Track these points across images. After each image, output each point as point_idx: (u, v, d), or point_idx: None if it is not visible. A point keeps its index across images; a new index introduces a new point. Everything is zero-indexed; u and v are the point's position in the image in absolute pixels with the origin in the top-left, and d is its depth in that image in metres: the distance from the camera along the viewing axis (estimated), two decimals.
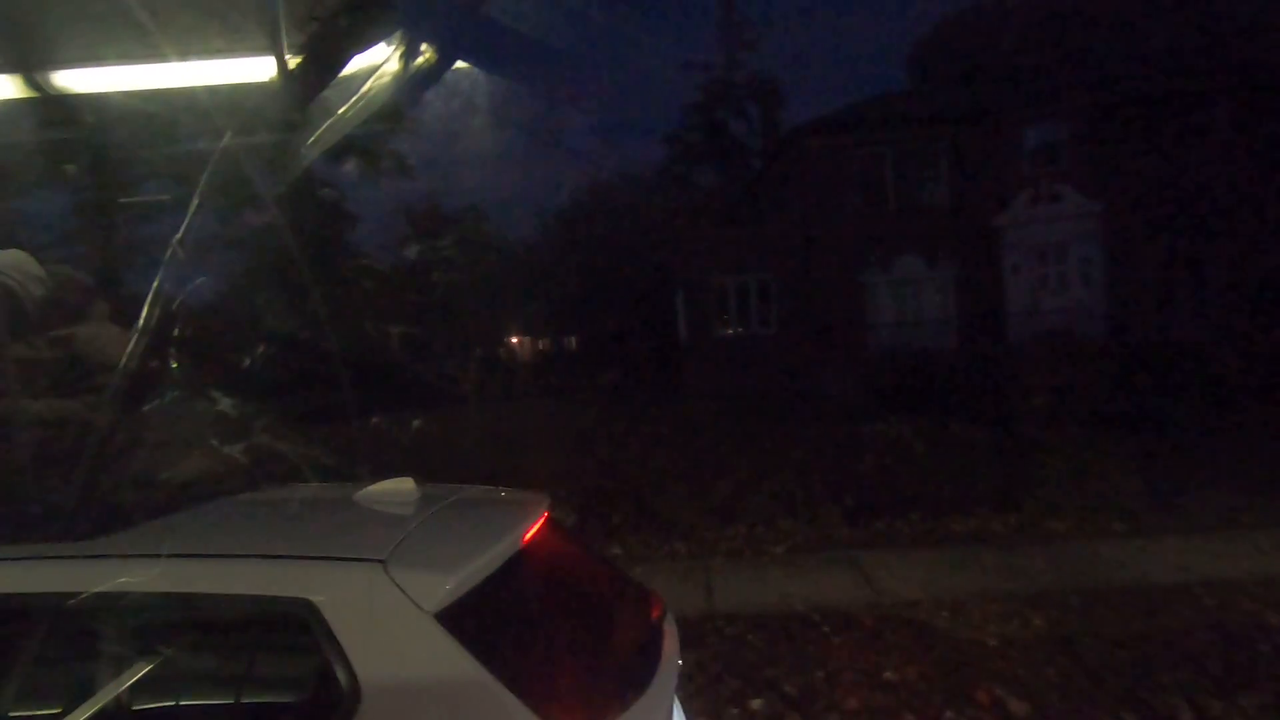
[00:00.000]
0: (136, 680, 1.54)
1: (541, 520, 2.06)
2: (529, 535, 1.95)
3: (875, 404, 10.52)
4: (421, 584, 1.61)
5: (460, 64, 3.36)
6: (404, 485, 2.12)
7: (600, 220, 26.34)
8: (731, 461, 7.15)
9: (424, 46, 3.05)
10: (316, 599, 1.58)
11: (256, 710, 1.58)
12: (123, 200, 2.60)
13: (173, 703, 1.58)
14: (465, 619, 1.60)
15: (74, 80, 2.25)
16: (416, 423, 6.56)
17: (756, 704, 3.40)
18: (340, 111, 3.13)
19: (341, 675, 1.51)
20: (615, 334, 21.81)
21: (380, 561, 1.65)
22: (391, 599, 1.59)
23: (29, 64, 2.18)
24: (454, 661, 1.54)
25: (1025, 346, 13.51)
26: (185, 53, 2.37)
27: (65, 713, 1.52)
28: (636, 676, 1.80)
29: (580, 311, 24.34)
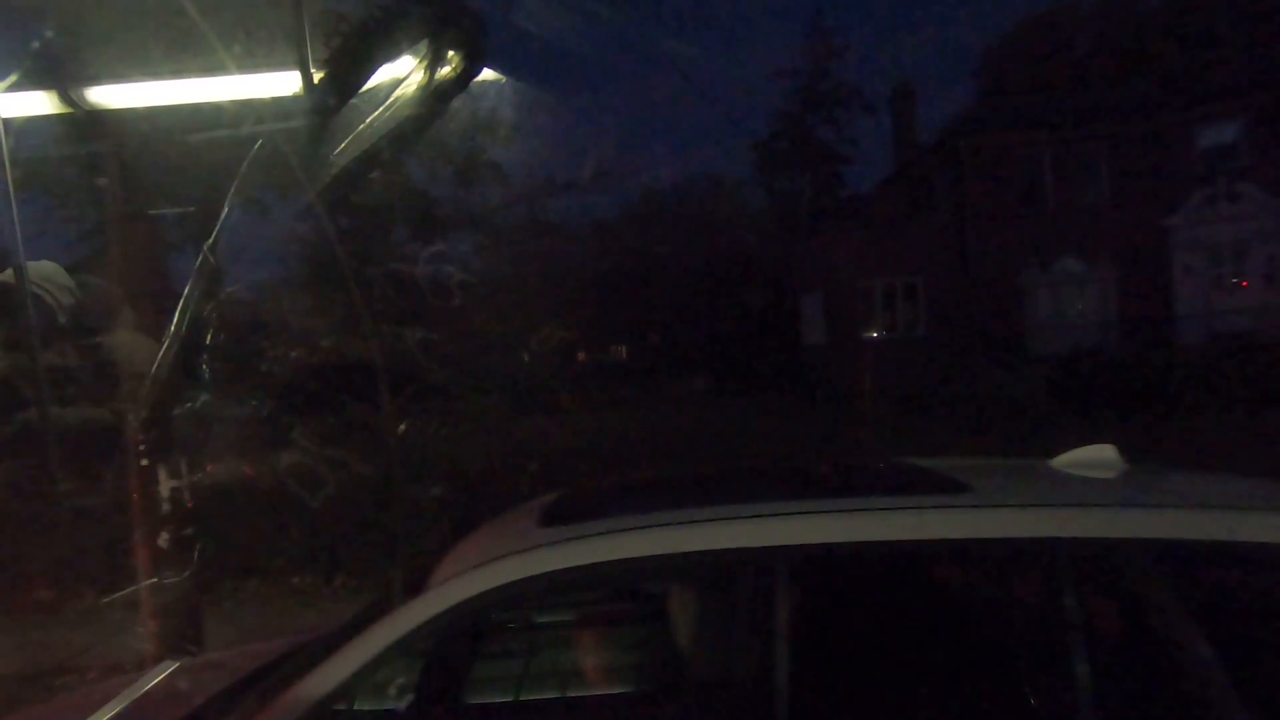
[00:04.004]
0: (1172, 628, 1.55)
1: None
2: None
3: (1076, 405, 10.10)
4: None
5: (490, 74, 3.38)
6: (1105, 453, 2.11)
7: (712, 222, 26.02)
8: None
9: (450, 55, 3.07)
10: None
11: None
12: (152, 211, 2.68)
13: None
14: None
15: (105, 96, 2.32)
16: (445, 430, 6.61)
17: None
18: (367, 121, 3.17)
19: None
20: (730, 337, 21.19)
21: None
22: None
23: (63, 80, 2.25)
24: None
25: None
26: (212, 68, 2.42)
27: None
28: None
29: (683, 314, 23.70)
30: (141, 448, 3.03)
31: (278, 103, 2.69)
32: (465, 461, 6.73)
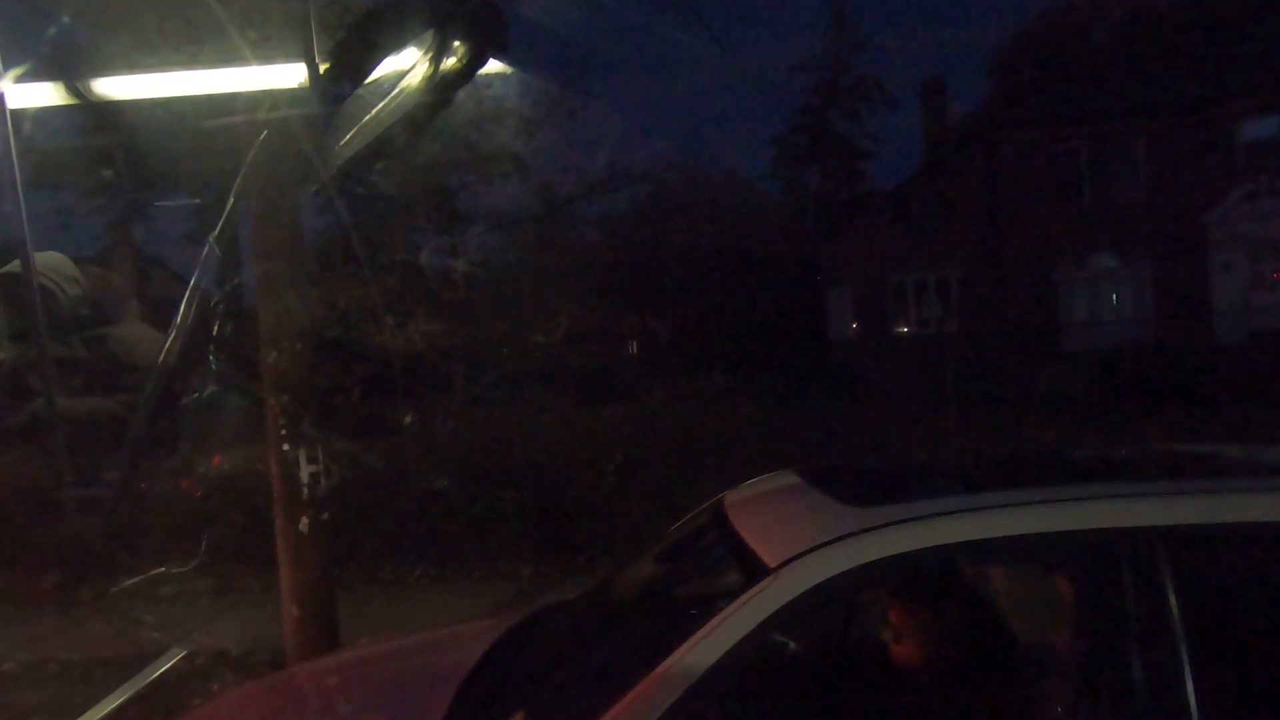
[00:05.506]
0: None
1: None
2: None
3: (1126, 400, 9.96)
4: None
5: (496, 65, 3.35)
6: None
7: (736, 216, 25.81)
8: None
9: (456, 45, 3.04)
10: None
11: None
12: (159, 204, 2.68)
13: None
14: None
15: (112, 87, 2.32)
16: (451, 424, 6.60)
17: None
18: (373, 113, 3.15)
19: None
20: (757, 332, 21.02)
21: None
22: None
23: (70, 71, 2.25)
24: None
25: None
26: (220, 60, 2.41)
27: None
28: None
29: (706, 309, 23.38)
30: (283, 433, 3.03)
31: (283, 93, 2.68)
32: (542, 454, 6.65)
